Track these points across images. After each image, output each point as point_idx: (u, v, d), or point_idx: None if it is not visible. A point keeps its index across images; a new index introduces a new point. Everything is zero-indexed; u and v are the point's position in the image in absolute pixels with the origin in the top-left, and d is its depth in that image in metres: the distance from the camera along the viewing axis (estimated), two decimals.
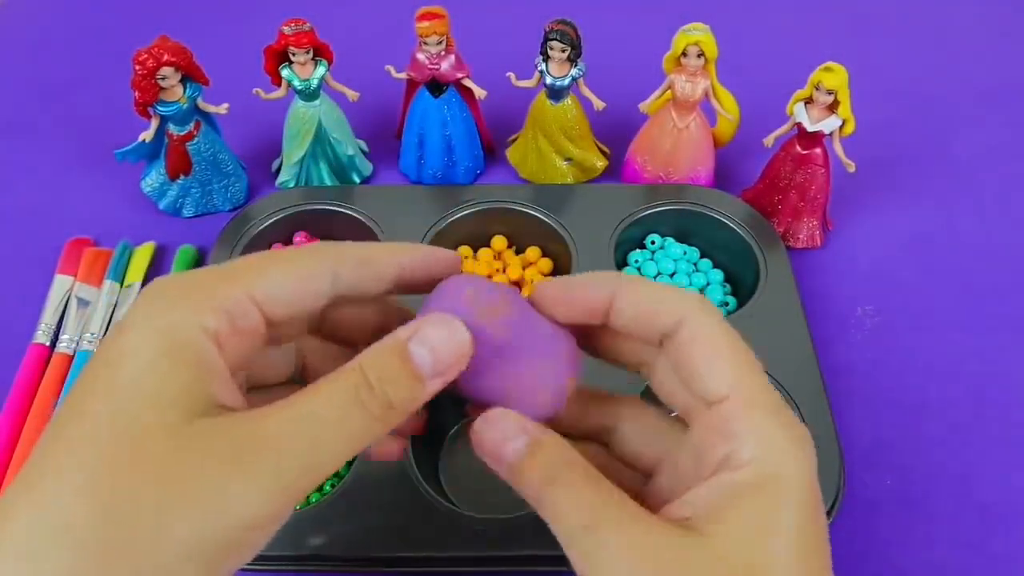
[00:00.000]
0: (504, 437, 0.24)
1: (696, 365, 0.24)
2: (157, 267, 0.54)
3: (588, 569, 0.22)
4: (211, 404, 0.21)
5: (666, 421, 0.28)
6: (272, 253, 0.25)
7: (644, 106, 0.55)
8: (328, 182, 0.57)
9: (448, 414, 0.45)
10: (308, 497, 0.40)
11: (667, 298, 0.25)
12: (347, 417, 0.22)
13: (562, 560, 0.23)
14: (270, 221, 0.52)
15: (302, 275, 0.24)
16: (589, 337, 0.27)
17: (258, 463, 0.20)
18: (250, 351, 0.24)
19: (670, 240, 0.54)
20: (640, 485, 0.27)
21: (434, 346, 0.23)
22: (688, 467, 0.25)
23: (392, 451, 0.29)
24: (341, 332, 0.29)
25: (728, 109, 0.53)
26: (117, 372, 0.21)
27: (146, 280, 0.52)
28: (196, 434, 0.20)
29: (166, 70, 0.49)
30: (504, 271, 0.52)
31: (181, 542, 0.19)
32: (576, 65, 0.52)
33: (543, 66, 0.52)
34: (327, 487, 0.42)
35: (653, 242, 0.53)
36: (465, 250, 0.53)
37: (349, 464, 0.41)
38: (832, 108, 0.49)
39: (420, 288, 0.27)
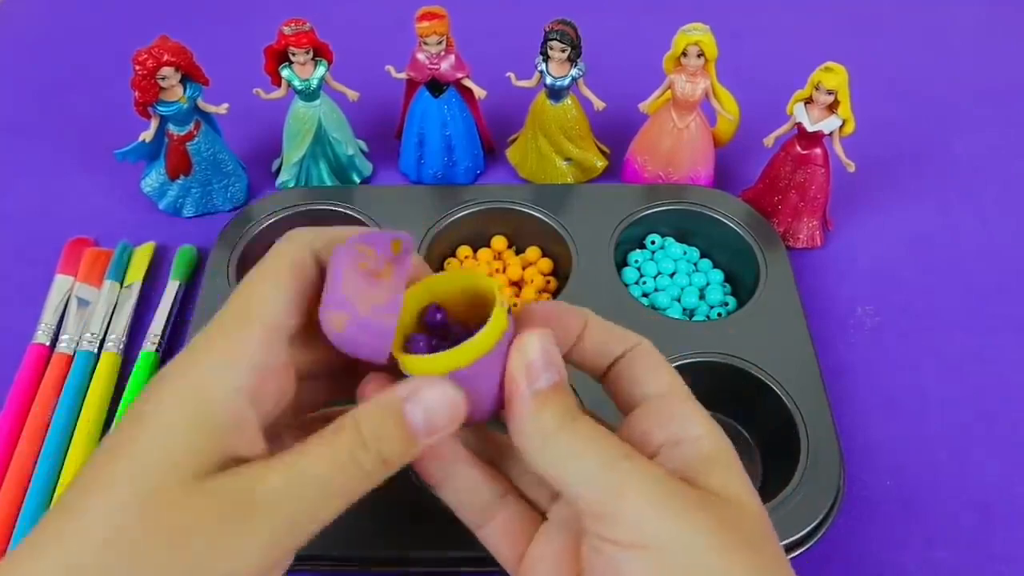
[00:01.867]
0: (541, 366, 0.25)
1: (640, 373, 0.27)
2: (157, 267, 0.54)
3: (606, 505, 0.23)
4: (226, 460, 0.23)
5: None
6: None
7: (644, 106, 0.55)
8: (328, 182, 0.57)
9: None
10: None
11: (621, 333, 0.28)
12: (340, 474, 0.23)
13: None
14: (270, 221, 0.52)
15: None
16: None
17: (253, 521, 0.22)
18: (288, 385, 0.25)
19: (670, 240, 0.54)
20: None
21: (428, 407, 0.24)
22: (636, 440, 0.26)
23: None
24: None
25: (728, 109, 0.53)
26: (142, 432, 0.23)
27: (146, 280, 0.52)
28: (202, 493, 0.22)
29: (166, 70, 0.49)
30: (504, 271, 0.52)
31: None
32: (576, 65, 0.52)
33: (543, 66, 0.52)
34: None
35: (653, 242, 0.53)
36: (465, 250, 0.53)
37: None
38: (832, 108, 0.49)
39: None
